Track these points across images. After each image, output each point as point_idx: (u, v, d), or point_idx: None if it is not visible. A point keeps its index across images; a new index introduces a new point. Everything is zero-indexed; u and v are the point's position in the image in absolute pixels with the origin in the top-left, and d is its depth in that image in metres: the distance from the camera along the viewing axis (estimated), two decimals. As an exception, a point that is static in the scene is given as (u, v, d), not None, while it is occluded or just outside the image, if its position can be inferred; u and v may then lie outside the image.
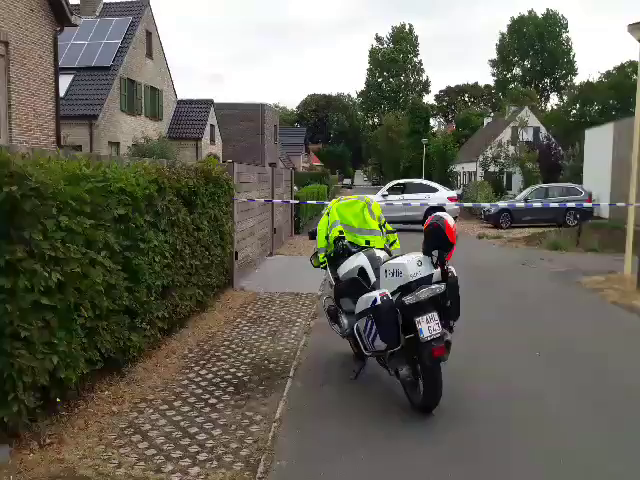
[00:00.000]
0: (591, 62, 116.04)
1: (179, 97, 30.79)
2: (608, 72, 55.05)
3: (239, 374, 4.87)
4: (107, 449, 3.51)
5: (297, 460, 3.52)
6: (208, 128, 30.65)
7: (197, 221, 6.35)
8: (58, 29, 13.62)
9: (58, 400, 3.72)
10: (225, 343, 5.73)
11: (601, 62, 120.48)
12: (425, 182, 21.95)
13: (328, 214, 5.42)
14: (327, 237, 5.30)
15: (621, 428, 4.02)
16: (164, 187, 5.43)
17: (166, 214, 5.46)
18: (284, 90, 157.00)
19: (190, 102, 30.97)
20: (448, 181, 36.60)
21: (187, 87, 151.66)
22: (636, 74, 10.44)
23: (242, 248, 8.96)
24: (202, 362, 5.14)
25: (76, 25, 14.97)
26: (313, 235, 5.61)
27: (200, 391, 4.48)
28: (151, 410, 4.10)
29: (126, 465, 3.33)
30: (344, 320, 5.07)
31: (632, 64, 47.49)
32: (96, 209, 4.20)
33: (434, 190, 19.71)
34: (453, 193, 21.09)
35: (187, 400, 4.30)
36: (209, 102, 31.34)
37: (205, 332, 6.07)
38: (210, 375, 4.82)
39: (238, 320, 6.65)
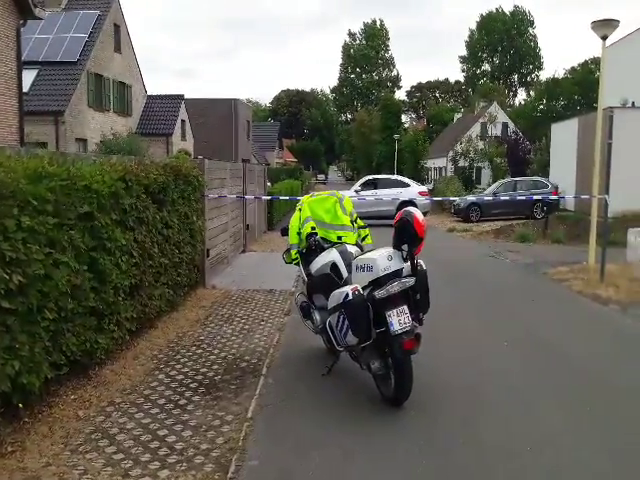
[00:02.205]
0: (557, 58, 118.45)
1: (149, 92, 30.27)
2: (573, 68, 56.28)
3: (210, 374, 4.81)
4: (72, 455, 3.42)
5: (269, 459, 3.49)
6: (179, 124, 30.22)
7: (166, 219, 6.24)
8: (21, 22, 13.22)
9: (20, 406, 3.60)
10: (196, 343, 5.65)
11: (566, 58, 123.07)
12: (397, 177, 22.11)
13: (300, 210, 5.40)
14: (299, 233, 5.28)
15: (585, 411, 4.11)
16: (132, 184, 5.31)
17: (134, 212, 5.34)
18: (257, 86, 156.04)
19: (160, 97, 30.47)
20: (419, 176, 36.95)
21: (157, 82, 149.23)
22: (599, 70, 10.67)
23: (214, 245, 8.86)
24: (172, 363, 5.06)
25: (40, 18, 14.56)
26: (285, 232, 5.59)
27: (170, 392, 4.40)
28: (119, 413, 4.01)
29: (92, 471, 3.25)
30: (317, 316, 5.08)
31: (595, 60, 48.65)
32: (60, 208, 4.08)
33: (406, 185, 19.86)
34: (424, 188, 21.29)
35: (156, 402, 4.22)
36: (180, 97, 30.91)
37: (175, 332, 5.98)
38: (180, 376, 4.75)
39: (210, 319, 6.57)
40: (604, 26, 9.58)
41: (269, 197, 15.04)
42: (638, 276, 8.93)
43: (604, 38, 9.72)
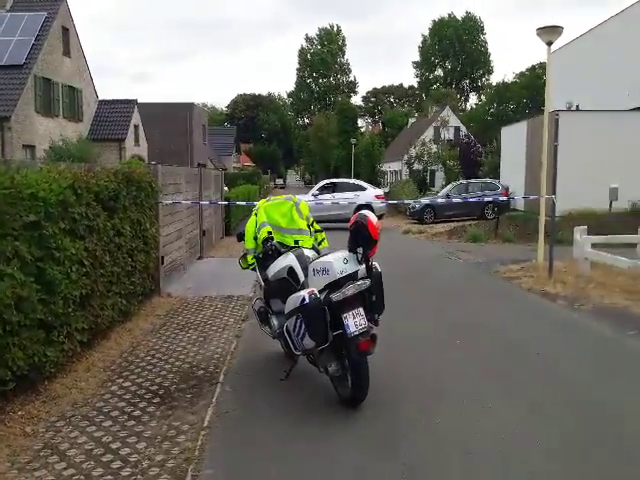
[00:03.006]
0: (507, 63, 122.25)
1: (102, 97, 29.57)
2: (521, 73, 58.21)
3: (165, 384, 4.72)
4: (20, 474, 3.29)
5: (226, 467, 3.46)
6: (132, 129, 29.63)
7: (118, 226, 6.10)
8: (-40, 24, 12.66)
9: (-37, 425, 3.44)
10: (151, 352, 5.54)
11: (515, 63, 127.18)
12: (354, 181, 22.31)
13: (256, 215, 5.39)
14: (255, 238, 5.26)
15: (535, 401, 4.25)
16: (81, 192, 5.18)
17: (84, 220, 5.20)
18: (213, 90, 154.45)
19: (112, 102, 29.80)
20: (376, 179, 37.38)
21: (109, 87, 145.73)
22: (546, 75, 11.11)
23: (169, 252, 8.70)
24: (126, 374, 4.94)
25: (-18, 20, 13.98)
26: (241, 237, 5.56)
27: (123, 404, 4.30)
28: (69, 428, 3.89)
29: (42, 489, 3.14)
30: (274, 321, 5.07)
31: (542, 65, 50.51)
32: (3, 217, 3.93)
33: (363, 189, 20.07)
34: (380, 191, 21.56)
35: (109, 414, 4.12)
36: (132, 102, 30.31)
37: (129, 342, 5.84)
38: (134, 387, 4.64)
39: (165, 328, 6.45)
40: (549, 32, 9.97)
41: (226, 202, 14.90)
42: (583, 272, 9.31)
43: (549, 44, 10.11)
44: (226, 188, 19.54)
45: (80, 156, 18.66)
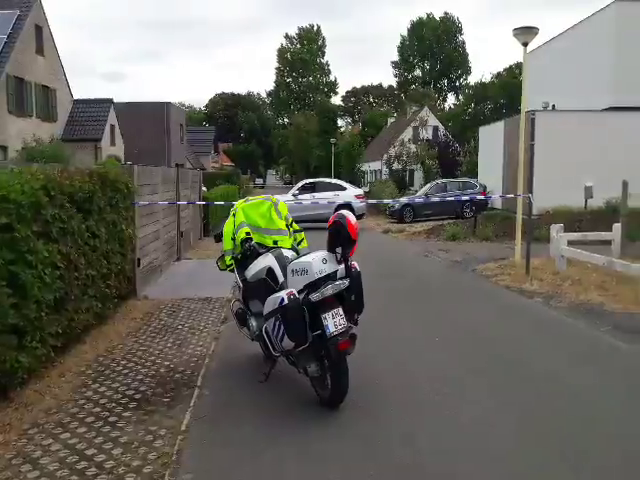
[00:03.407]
0: (484, 64, 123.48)
1: (76, 97, 29.05)
2: (498, 73, 58.93)
3: (142, 388, 4.64)
4: (-10, 483, 3.20)
5: (204, 471, 3.41)
6: (108, 129, 29.20)
7: (93, 228, 6.00)
8: None
9: None
10: (127, 356, 5.45)
11: (493, 63, 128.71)
12: (334, 181, 22.32)
13: (234, 215, 5.34)
14: (234, 239, 5.21)
15: (512, 396, 4.29)
16: (55, 193, 5.07)
17: (57, 222, 5.09)
18: (191, 89, 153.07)
19: (88, 102, 29.34)
20: (356, 179, 37.51)
21: (84, 86, 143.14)
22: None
23: (145, 254, 8.59)
24: (101, 378, 4.85)
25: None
26: (219, 237, 5.50)
27: (99, 409, 4.21)
28: (43, 435, 3.79)
29: (13, 499, 3.06)
30: (253, 322, 5.03)
31: (519, 66, 51.22)
32: (-28, 220, 3.82)
33: (343, 188, 20.10)
34: (360, 191, 21.60)
35: (84, 420, 4.03)
36: (108, 101, 29.88)
37: (105, 346, 5.73)
38: (110, 392, 4.56)
39: (141, 331, 6.35)
40: (525, 33, 10.11)
41: (204, 202, 14.77)
42: (560, 270, 9.45)
43: (525, 44, 10.24)
44: (204, 188, 19.37)
45: (54, 157, 18.31)
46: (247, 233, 5.12)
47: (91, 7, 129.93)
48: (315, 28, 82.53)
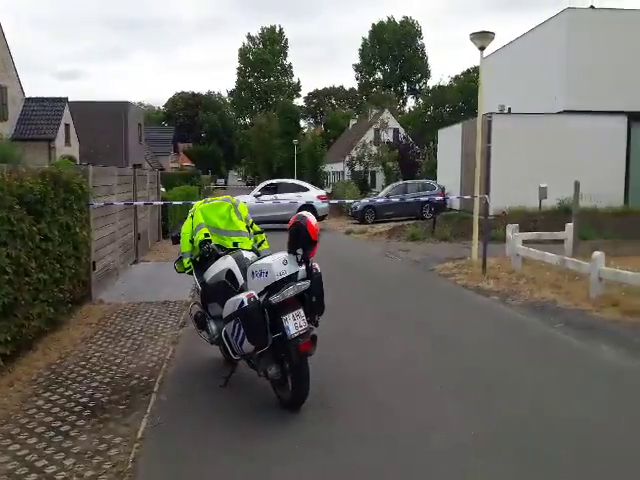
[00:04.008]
0: (444, 67, 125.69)
1: (28, 95, 28.06)
2: (457, 76, 60.13)
3: (97, 395, 4.50)
4: None
5: (160, 479, 3.33)
6: (62, 128, 28.32)
7: (45, 231, 5.78)
8: None
9: None
10: (81, 363, 5.27)
11: (451, 67, 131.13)
12: (296, 182, 22.29)
13: (192, 217, 5.24)
14: (192, 241, 5.11)
15: (468, 394, 4.37)
16: (2, 194, 4.86)
17: (5, 225, 4.89)
18: (150, 88, 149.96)
19: (41, 100, 28.38)
20: (319, 180, 37.56)
21: (43, 85, 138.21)
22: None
23: (101, 257, 8.35)
24: (53, 387, 4.68)
25: None
26: (176, 239, 5.39)
27: (50, 419, 4.06)
28: (-11, 448, 3.63)
29: (-44, 516, 2.91)
30: (212, 326, 4.95)
31: (476, 69, 52.44)
32: None
33: (305, 189, 20.09)
34: (323, 192, 21.66)
35: (34, 431, 3.88)
36: (63, 100, 28.99)
37: (58, 353, 5.53)
38: (63, 400, 4.40)
39: (97, 336, 6.16)
40: (481, 38, 10.34)
41: (161, 203, 14.48)
42: (515, 268, 9.70)
43: (482, 49, 10.48)
44: (163, 189, 19.03)
45: (3, 156, 17.59)
46: (206, 235, 5.04)
47: (50, 4, 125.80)
48: (278, 29, 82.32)
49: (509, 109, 20.82)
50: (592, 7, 20.99)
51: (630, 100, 19.06)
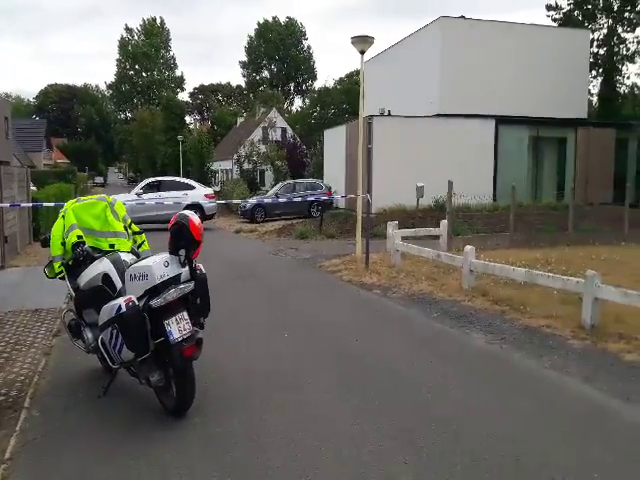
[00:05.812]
0: (330, 68, 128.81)
1: None
2: (341, 79, 61.85)
3: (-46, 416, 4.06)
4: None
5: (32, 503, 3.09)
6: None
7: None
8: None
9: None
10: None
11: (337, 69, 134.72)
12: (181, 180, 21.63)
13: (63, 217, 4.87)
14: (64, 243, 4.76)
15: (357, 386, 4.55)
16: None
17: None
18: (18, 79, 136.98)
19: None
20: (206, 178, 36.80)
21: None
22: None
23: (-41, 264, 7.51)
24: None
25: None
26: (46, 242, 5.00)
27: None
28: None
29: None
30: (88, 334, 4.65)
31: (359, 72, 54.39)
32: None
33: (191, 188, 19.56)
34: (210, 190, 21.20)
35: None
36: None
37: None
38: None
39: (-46, 351, 5.55)
40: (361, 42, 10.73)
41: (32, 204, 13.33)
42: (395, 263, 10.24)
43: (362, 52, 10.87)
44: (34, 188, 17.53)
45: None
46: (79, 236, 4.72)
47: None
48: (159, 21, 79.22)
49: (389, 112, 21.85)
50: (463, 17, 22.73)
51: (498, 104, 20.91)
